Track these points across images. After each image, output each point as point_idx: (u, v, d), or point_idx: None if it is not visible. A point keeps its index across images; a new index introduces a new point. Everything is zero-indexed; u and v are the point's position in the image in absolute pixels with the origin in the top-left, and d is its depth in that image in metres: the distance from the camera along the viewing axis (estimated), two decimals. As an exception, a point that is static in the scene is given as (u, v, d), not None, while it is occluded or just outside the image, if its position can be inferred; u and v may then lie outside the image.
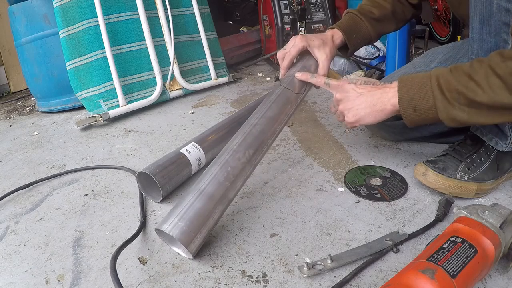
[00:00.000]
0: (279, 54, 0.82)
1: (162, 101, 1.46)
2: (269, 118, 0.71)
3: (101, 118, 1.26)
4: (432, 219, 0.63)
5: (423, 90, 0.58)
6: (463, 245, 0.46)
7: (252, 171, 0.68)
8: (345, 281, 0.52)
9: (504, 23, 0.56)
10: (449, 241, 0.47)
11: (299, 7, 1.49)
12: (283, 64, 0.82)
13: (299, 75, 0.76)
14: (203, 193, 0.60)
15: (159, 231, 0.61)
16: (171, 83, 1.49)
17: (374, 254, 0.56)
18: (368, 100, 0.65)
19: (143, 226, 0.68)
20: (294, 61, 0.83)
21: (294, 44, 0.79)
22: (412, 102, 0.60)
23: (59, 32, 1.34)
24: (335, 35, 0.84)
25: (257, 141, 0.68)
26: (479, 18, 0.59)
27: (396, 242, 0.58)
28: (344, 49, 0.88)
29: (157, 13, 1.47)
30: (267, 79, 1.70)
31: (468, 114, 0.56)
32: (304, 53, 0.82)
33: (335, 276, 0.54)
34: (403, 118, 0.62)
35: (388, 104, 0.63)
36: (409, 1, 0.88)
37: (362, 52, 1.55)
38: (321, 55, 0.80)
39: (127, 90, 1.39)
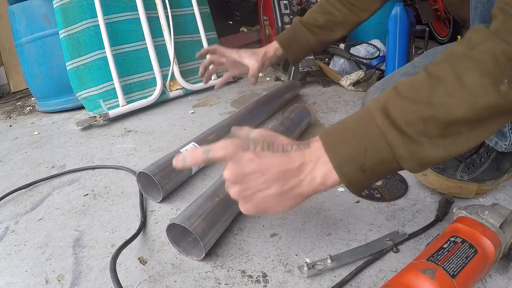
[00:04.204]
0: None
1: (162, 101, 1.46)
2: None
3: (101, 118, 1.26)
4: (432, 219, 0.63)
5: (367, 138, 0.38)
6: (463, 245, 0.46)
7: None
8: (345, 281, 0.52)
9: None
10: (449, 241, 0.47)
11: (299, 7, 1.49)
12: (203, 49, 0.98)
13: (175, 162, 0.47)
14: (222, 201, 0.64)
15: (177, 227, 0.61)
16: (171, 83, 1.49)
17: (374, 254, 0.56)
18: (276, 183, 0.41)
19: (143, 226, 0.68)
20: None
21: (227, 48, 0.93)
22: (356, 161, 0.39)
23: (59, 32, 1.34)
24: (270, 48, 0.93)
25: None
26: (480, 20, 0.59)
27: (396, 242, 0.58)
28: (288, 59, 0.95)
29: (157, 13, 1.47)
30: (267, 79, 1.70)
31: (443, 148, 0.37)
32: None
33: (335, 276, 0.54)
34: (347, 187, 0.41)
35: (313, 183, 0.41)
36: None
37: (362, 52, 1.55)
38: (250, 61, 0.90)
39: (127, 90, 1.39)
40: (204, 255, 0.58)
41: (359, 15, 0.88)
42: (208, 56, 0.99)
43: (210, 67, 1.02)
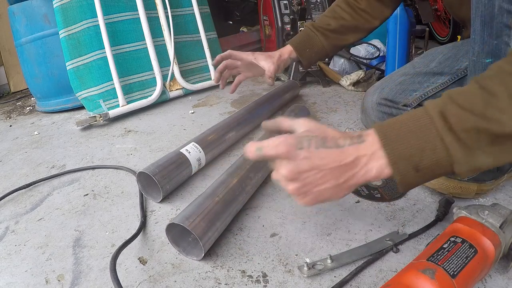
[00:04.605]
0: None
1: (162, 101, 1.46)
2: None
3: (101, 118, 1.26)
4: (432, 219, 0.63)
5: (425, 139, 0.40)
6: (463, 245, 0.46)
7: (252, 192, 0.74)
8: (345, 281, 0.52)
9: (506, 25, 0.56)
10: (449, 241, 0.47)
11: (299, 7, 1.49)
12: (218, 56, 0.96)
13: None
14: (221, 200, 0.64)
15: (176, 227, 0.61)
16: (171, 83, 1.49)
17: (374, 254, 0.56)
18: (333, 178, 0.44)
19: (143, 226, 0.68)
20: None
21: (241, 52, 0.93)
22: (412, 160, 0.41)
23: (59, 32, 1.34)
24: (284, 51, 0.93)
25: (264, 166, 0.76)
26: (481, 20, 0.59)
27: (396, 242, 0.58)
28: (301, 62, 0.95)
29: (157, 13, 1.47)
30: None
31: (493, 156, 0.40)
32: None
33: (335, 276, 0.54)
34: (399, 183, 0.43)
35: (367, 175, 0.43)
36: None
37: (362, 52, 1.55)
38: (267, 64, 0.89)
39: (127, 90, 1.39)
40: (203, 254, 0.58)
41: (370, 21, 0.89)
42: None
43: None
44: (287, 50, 0.93)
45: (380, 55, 1.52)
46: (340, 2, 0.91)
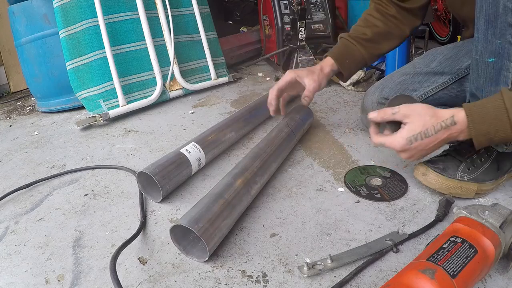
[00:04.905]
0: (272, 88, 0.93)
1: (162, 101, 1.46)
2: (278, 154, 0.84)
3: (101, 118, 1.26)
4: (432, 219, 0.63)
5: (500, 124, 0.57)
6: (463, 245, 0.46)
7: (255, 195, 0.74)
8: (345, 281, 0.52)
9: (510, 25, 0.56)
10: (449, 241, 0.47)
11: (299, 7, 1.49)
12: (271, 94, 0.92)
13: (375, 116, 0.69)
14: (229, 204, 0.64)
15: (179, 226, 0.60)
16: (171, 83, 1.49)
17: (374, 254, 0.56)
18: (432, 149, 0.64)
19: (143, 226, 0.68)
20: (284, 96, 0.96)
21: (283, 77, 0.91)
22: (487, 136, 0.58)
23: (59, 32, 1.34)
24: (325, 64, 0.91)
25: (268, 170, 0.78)
26: (485, 19, 0.59)
27: (396, 242, 0.58)
28: (341, 74, 0.93)
29: (157, 13, 1.47)
30: (267, 79, 1.70)
31: None
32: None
33: (335, 276, 0.54)
34: (474, 146, 0.60)
35: (453, 140, 0.63)
36: (405, 6, 0.87)
37: (362, 52, 1.54)
38: (308, 81, 0.88)
39: (127, 90, 1.39)
40: (207, 258, 0.58)
41: (400, 28, 0.89)
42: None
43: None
44: (328, 63, 0.91)
45: (380, 55, 1.52)
46: (371, 11, 0.91)
